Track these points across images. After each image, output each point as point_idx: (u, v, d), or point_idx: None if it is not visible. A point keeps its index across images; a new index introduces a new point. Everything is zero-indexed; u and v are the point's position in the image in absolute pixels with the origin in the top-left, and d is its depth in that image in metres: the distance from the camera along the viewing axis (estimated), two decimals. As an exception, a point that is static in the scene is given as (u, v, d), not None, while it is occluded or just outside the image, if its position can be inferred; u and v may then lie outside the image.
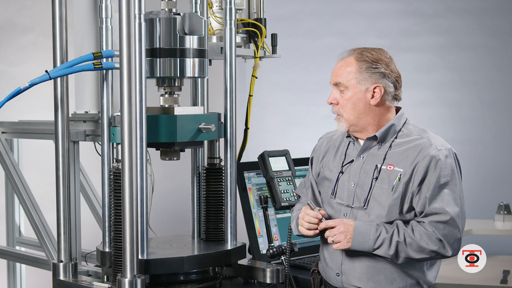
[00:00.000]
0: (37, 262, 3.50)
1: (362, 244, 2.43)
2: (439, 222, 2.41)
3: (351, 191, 2.53)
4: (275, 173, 2.98)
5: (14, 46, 4.66)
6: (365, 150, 2.56)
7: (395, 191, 2.45)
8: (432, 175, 2.42)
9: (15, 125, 3.70)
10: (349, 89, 2.53)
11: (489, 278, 3.86)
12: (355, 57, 2.54)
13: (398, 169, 2.46)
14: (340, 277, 2.54)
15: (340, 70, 2.55)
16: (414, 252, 2.42)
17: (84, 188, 3.56)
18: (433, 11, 5.68)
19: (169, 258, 2.67)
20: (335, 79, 2.57)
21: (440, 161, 2.42)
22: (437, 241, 2.41)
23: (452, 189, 2.44)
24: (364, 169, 2.53)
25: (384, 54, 2.55)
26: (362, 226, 2.44)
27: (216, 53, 3.12)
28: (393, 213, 2.45)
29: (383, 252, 2.43)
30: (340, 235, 2.44)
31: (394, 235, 2.41)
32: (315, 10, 5.84)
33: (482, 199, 4.89)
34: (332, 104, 2.60)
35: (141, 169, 2.54)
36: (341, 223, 2.45)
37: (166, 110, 2.77)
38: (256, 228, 3.22)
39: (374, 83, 2.51)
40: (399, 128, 2.55)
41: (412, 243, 2.41)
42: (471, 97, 5.64)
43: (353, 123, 2.54)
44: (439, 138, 2.52)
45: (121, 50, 2.47)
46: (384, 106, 2.54)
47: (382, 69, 2.52)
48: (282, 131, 5.91)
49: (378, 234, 2.42)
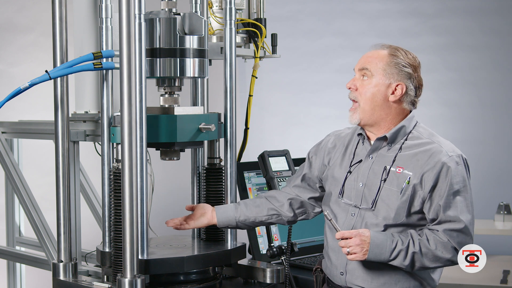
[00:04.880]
0: (37, 262, 3.49)
1: (378, 256, 2.42)
2: (453, 230, 2.41)
3: (359, 191, 2.52)
4: (275, 173, 2.98)
5: (14, 46, 4.65)
6: (375, 150, 2.55)
7: (404, 194, 2.44)
8: (444, 182, 2.41)
9: (15, 125, 3.70)
10: (374, 78, 2.51)
11: (489, 278, 3.87)
12: (389, 51, 2.53)
13: (407, 172, 2.45)
14: (344, 276, 2.54)
15: (371, 58, 2.54)
16: (430, 261, 2.42)
17: (84, 188, 3.56)
18: (433, 11, 5.69)
19: (169, 258, 2.67)
20: (362, 65, 2.55)
21: (451, 168, 2.41)
22: (452, 250, 2.41)
23: (464, 196, 2.43)
24: (373, 170, 2.52)
25: (416, 58, 2.56)
26: (379, 237, 2.42)
27: (216, 53, 3.12)
28: (401, 216, 2.45)
29: (399, 262, 2.42)
30: (356, 247, 2.41)
31: (410, 246, 2.41)
32: (315, 10, 5.84)
33: (482, 199, 4.90)
34: (350, 89, 2.57)
35: (141, 169, 2.54)
36: (358, 235, 2.41)
37: (166, 110, 2.77)
38: (256, 228, 3.22)
39: (398, 81, 2.51)
40: (409, 130, 2.54)
41: (428, 253, 2.41)
42: (471, 97, 5.64)
43: (367, 114, 2.52)
44: (449, 143, 2.51)
45: (121, 50, 2.47)
46: (401, 106, 2.53)
47: (410, 71, 2.52)
48: (282, 131, 5.92)
49: (394, 245, 2.41)
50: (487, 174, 5.49)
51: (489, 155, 5.57)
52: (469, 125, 5.62)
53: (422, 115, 5.38)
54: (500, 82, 5.60)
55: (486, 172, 5.49)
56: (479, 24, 5.61)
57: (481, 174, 5.36)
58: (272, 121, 5.91)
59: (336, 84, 5.26)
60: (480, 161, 5.45)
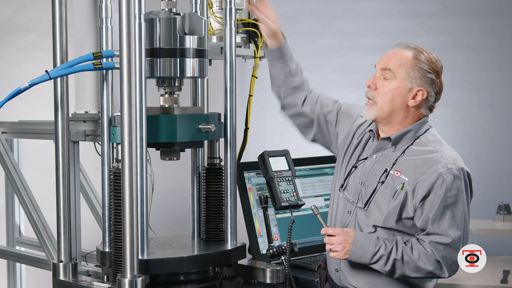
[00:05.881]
0: (37, 262, 3.49)
1: (359, 258, 2.42)
2: (439, 244, 2.38)
3: (357, 189, 2.52)
4: (275, 173, 2.98)
5: (14, 46, 4.65)
6: (379, 150, 2.52)
7: (396, 199, 2.42)
8: (437, 193, 2.37)
9: (15, 125, 3.70)
10: (396, 80, 2.46)
11: (489, 278, 3.86)
12: (414, 54, 2.47)
13: (403, 177, 2.42)
14: (338, 274, 2.54)
15: (395, 58, 2.48)
16: (410, 271, 2.40)
17: (84, 188, 3.56)
18: (433, 11, 5.68)
19: (169, 258, 2.67)
20: (386, 64, 2.48)
21: (446, 181, 2.36)
22: (435, 262, 2.38)
23: (457, 211, 2.39)
24: (373, 170, 2.50)
25: (439, 63, 2.51)
26: (362, 239, 2.41)
27: (216, 53, 3.12)
28: (390, 220, 2.43)
29: (379, 267, 2.41)
30: (338, 245, 2.41)
31: (392, 252, 2.39)
32: (315, 10, 5.84)
33: (482, 199, 4.89)
34: (369, 87, 2.51)
35: (141, 169, 2.54)
36: (341, 233, 2.42)
37: (166, 110, 2.77)
38: (256, 228, 3.22)
39: (420, 86, 2.46)
40: (418, 135, 2.49)
41: (410, 262, 2.38)
42: (471, 97, 5.64)
43: (384, 115, 2.48)
44: (453, 155, 2.45)
45: (121, 50, 2.47)
46: (419, 111, 2.49)
47: (433, 77, 2.47)
48: (282, 131, 5.91)
49: (376, 249, 2.40)
50: (487, 174, 5.48)
51: (489, 155, 5.57)
52: (469, 125, 5.62)
53: (422, 115, 5.29)
54: (500, 82, 5.60)
55: (486, 172, 5.48)
56: (479, 24, 5.60)
57: (481, 174, 5.35)
58: (272, 121, 5.90)
59: (336, 84, 5.26)
60: (480, 161, 5.45)
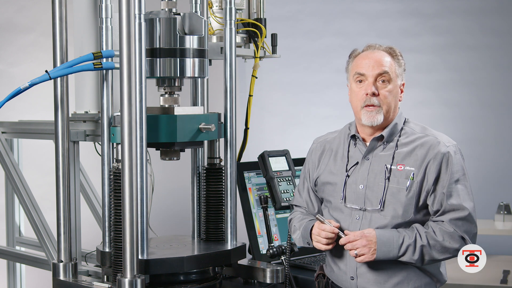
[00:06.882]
0: (37, 262, 3.50)
1: (387, 254, 2.40)
2: (458, 219, 2.40)
3: (360, 193, 2.50)
4: (275, 173, 2.98)
5: (14, 46, 4.65)
6: (371, 151, 2.52)
7: (410, 191, 2.43)
8: (446, 172, 2.42)
9: (15, 125, 3.70)
10: (392, 81, 2.49)
11: (489, 278, 3.87)
12: (390, 52, 2.51)
13: (409, 169, 2.44)
14: (355, 281, 2.50)
15: (383, 61, 2.47)
16: (438, 253, 2.41)
17: (84, 188, 3.56)
18: (433, 11, 5.69)
19: (169, 258, 2.67)
20: (381, 69, 2.46)
21: (451, 158, 2.43)
22: (459, 239, 2.41)
23: (464, 184, 2.45)
24: (372, 171, 2.50)
25: None
26: (384, 235, 2.40)
27: (216, 53, 3.12)
28: (409, 213, 2.44)
29: (408, 258, 2.40)
30: (363, 248, 2.39)
31: (417, 239, 2.39)
32: (315, 10, 5.85)
33: (482, 199, 4.90)
34: (373, 94, 2.46)
35: (141, 169, 2.54)
36: (363, 236, 2.40)
37: (166, 110, 2.77)
38: (256, 228, 3.22)
39: (403, 80, 2.53)
40: (400, 127, 2.54)
41: (436, 245, 2.40)
42: (471, 97, 5.65)
43: (387, 116, 2.50)
44: (443, 135, 2.52)
45: (121, 50, 2.47)
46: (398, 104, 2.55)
47: (405, 67, 2.54)
48: (282, 131, 5.92)
49: (401, 241, 2.39)
50: (487, 174, 5.49)
51: (489, 155, 5.58)
52: (469, 125, 5.62)
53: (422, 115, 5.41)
54: (500, 82, 5.61)
55: (486, 172, 5.49)
56: (479, 24, 5.61)
57: (481, 174, 5.36)
58: (272, 121, 5.91)
59: (336, 84, 5.26)
60: (480, 161, 5.45)
